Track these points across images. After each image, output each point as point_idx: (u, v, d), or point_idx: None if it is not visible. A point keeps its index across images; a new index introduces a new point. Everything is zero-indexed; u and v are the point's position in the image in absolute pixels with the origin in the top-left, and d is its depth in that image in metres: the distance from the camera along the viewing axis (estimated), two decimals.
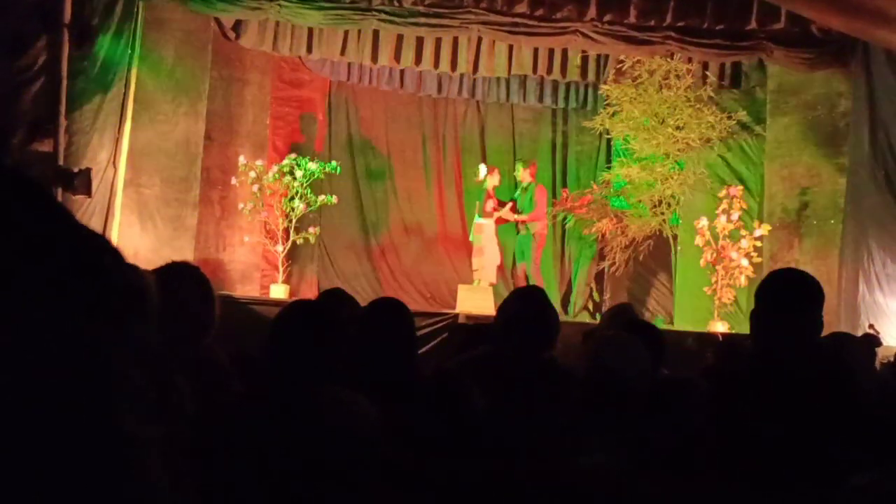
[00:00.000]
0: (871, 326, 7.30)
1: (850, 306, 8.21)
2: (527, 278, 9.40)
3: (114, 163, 8.56)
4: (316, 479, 2.23)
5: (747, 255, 8.74)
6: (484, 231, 9.36)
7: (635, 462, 2.30)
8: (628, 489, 2.07)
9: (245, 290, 9.47)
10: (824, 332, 3.94)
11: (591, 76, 9.96)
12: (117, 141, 8.57)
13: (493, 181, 9.48)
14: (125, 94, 8.63)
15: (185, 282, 2.75)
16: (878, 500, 1.92)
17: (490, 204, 9.40)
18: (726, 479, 2.27)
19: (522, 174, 9.56)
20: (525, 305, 3.00)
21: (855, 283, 8.17)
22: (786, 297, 2.48)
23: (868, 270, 8.04)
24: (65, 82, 8.15)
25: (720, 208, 8.94)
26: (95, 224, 8.02)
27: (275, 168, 9.37)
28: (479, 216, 9.44)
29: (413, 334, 3.00)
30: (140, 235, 8.58)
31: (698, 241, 8.98)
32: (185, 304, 2.62)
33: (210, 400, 2.39)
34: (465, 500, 2.18)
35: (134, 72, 8.68)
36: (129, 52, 8.64)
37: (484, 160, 11.68)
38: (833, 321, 8.06)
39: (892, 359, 6.38)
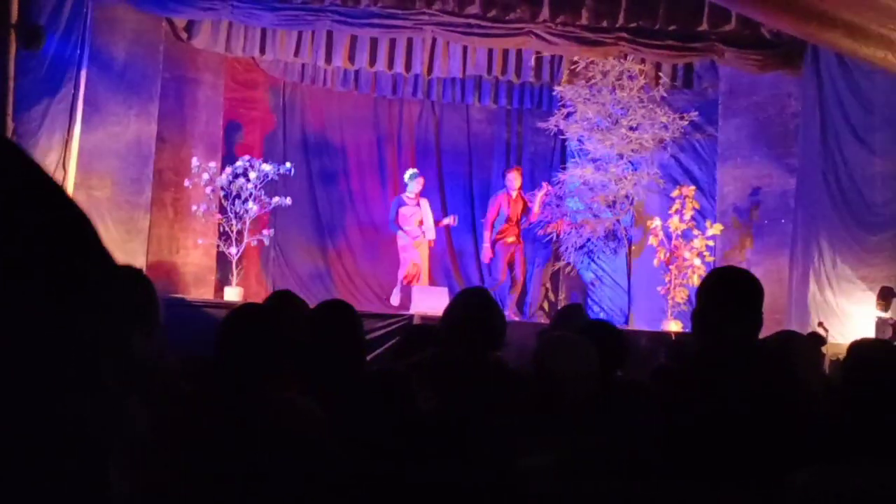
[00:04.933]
0: (820, 324, 7.41)
1: (800, 305, 8.33)
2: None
3: (63, 165, 8.39)
4: (263, 481, 2.20)
5: (700, 255, 8.85)
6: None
7: (580, 464, 2.30)
8: (570, 491, 2.07)
9: (199, 292, 9.35)
10: (774, 331, 4.00)
11: (545, 77, 10.01)
12: (67, 143, 8.41)
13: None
14: (75, 95, 8.46)
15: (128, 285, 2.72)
16: (819, 497, 1.94)
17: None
18: (671, 480, 2.28)
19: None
20: (470, 307, 2.99)
21: (805, 282, 8.29)
22: (727, 295, 2.51)
23: (818, 270, 8.16)
24: (12, 83, 7.98)
25: (673, 208, 9.04)
26: None
27: (228, 169, 9.26)
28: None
29: (361, 336, 2.99)
30: None
31: (652, 240, 9.07)
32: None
33: (157, 404, 2.36)
34: (408, 501, 2.16)
35: (84, 73, 8.53)
36: (79, 52, 8.49)
37: (439, 161, 11.71)
38: (784, 320, 8.19)
39: (839, 357, 6.49)
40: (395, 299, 9.78)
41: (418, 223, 9.66)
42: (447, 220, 9.99)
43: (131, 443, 0.49)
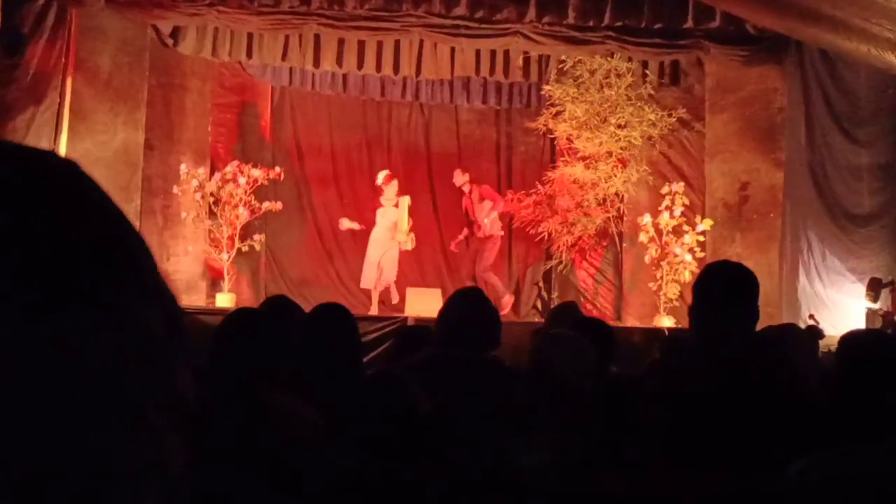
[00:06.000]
0: (811, 317, 7.45)
1: (790, 298, 8.38)
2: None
3: None
4: (261, 486, 2.20)
5: (690, 251, 8.89)
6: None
7: (579, 460, 2.31)
8: (571, 488, 2.08)
9: (191, 300, 9.33)
10: (767, 324, 4.02)
11: (533, 76, 10.03)
12: (53, 152, 8.36)
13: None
14: (60, 104, 8.42)
15: None
16: (816, 486, 1.96)
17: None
18: (670, 472, 2.30)
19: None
20: (465, 307, 3.00)
21: (795, 274, 8.34)
22: (722, 289, 2.52)
23: (808, 262, 8.21)
24: None
25: (663, 205, 9.07)
26: None
27: (217, 175, 9.24)
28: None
29: (357, 339, 2.99)
30: None
31: (643, 237, 9.10)
32: None
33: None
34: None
35: (69, 81, 8.49)
36: (63, 60, 8.45)
37: (429, 163, 11.71)
38: (775, 313, 8.22)
39: (832, 349, 6.52)
40: (374, 309, 9.53)
41: (392, 226, 9.59)
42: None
43: (170, 482, 0.49)
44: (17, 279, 0.44)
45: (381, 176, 9.75)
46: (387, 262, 9.54)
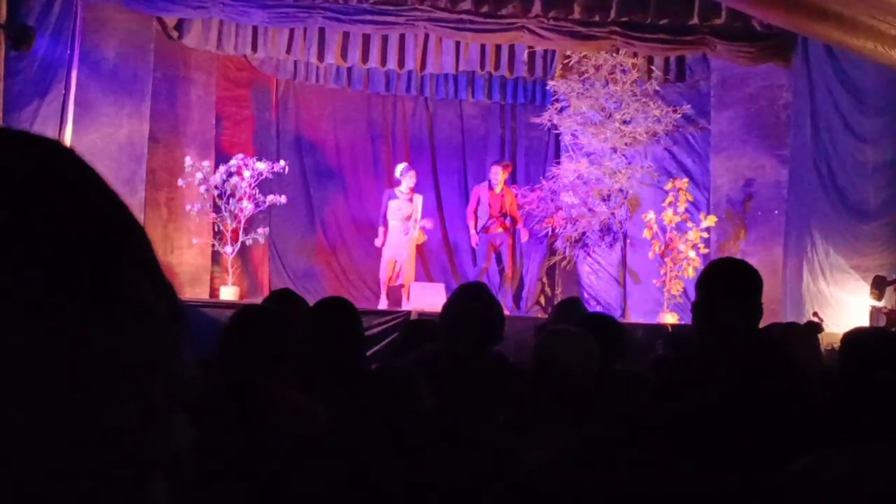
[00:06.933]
0: (815, 314, 7.44)
1: (794, 295, 8.37)
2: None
3: None
4: (264, 479, 2.21)
5: (694, 247, 8.88)
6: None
7: (584, 456, 2.31)
8: (574, 484, 2.08)
9: (195, 292, 9.34)
10: (769, 321, 4.02)
11: (538, 72, 10.02)
12: None
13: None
14: (65, 96, 8.43)
15: None
16: (818, 484, 1.96)
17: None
18: (674, 469, 2.30)
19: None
20: (469, 301, 3.00)
21: (799, 272, 8.32)
22: (726, 286, 2.53)
23: (812, 260, 8.19)
24: (1, 84, 7.95)
25: (667, 201, 9.07)
26: None
27: (222, 168, 9.25)
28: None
29: (360, 332, 3.00)
30: None
31: (646, 233, 9.10)
32: None
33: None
34: (413, 500, 2.17)
35: (74, 73, 8.50)
36: (69, 52, 8.46)
37: (433, 157, 11.70)
38: (778, 310, 8.22)
39: (835, 346, 6.51)
40: (382, 303, 9.54)
41: (406, 218, 9.55)
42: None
43: (176, 460, 0.49)
44: (23, 274, 0.45)
45: (400, 168, 9.69)
46: (404, 261, 9.52)
